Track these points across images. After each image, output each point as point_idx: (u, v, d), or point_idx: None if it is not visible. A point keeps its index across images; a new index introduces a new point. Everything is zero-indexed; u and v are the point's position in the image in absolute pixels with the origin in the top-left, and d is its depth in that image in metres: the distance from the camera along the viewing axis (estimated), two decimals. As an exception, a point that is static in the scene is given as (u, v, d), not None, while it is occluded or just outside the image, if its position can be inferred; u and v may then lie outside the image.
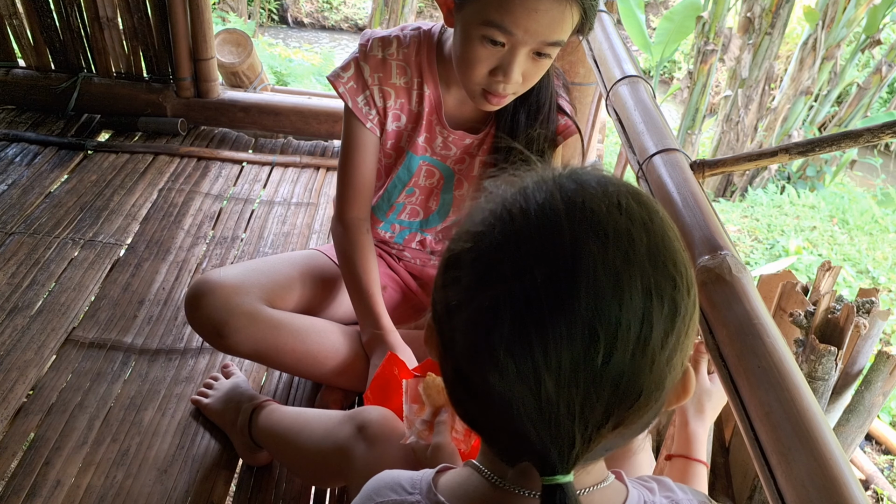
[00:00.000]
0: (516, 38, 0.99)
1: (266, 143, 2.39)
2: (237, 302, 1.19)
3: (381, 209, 1.37)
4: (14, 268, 1.70)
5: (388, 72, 1.20)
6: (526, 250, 0.45)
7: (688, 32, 5.43)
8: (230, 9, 7.73)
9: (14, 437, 1.29)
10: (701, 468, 0.90)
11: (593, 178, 0.49)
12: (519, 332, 0.44)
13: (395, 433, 0.98)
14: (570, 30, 1.02)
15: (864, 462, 2.74)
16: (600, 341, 0.43)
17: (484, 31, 1.00)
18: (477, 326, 0.46)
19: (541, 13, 0.96)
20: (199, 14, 2.25)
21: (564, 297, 0.43)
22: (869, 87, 5.35)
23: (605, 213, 0.46)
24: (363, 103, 1.22)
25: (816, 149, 1.04)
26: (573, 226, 0.45)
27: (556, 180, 0.48)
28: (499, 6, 0.97)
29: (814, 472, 0.56)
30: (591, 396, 0.44)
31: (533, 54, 1.03)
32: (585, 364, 0.43)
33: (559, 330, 0.43)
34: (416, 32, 1.20)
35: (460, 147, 1.27)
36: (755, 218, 4.95)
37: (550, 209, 0.46)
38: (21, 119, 2.35)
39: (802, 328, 1.55)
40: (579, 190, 0.47)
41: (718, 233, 0.86)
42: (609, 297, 0.43)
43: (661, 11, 8.20)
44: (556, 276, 0.44)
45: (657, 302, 0.45)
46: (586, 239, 0.44)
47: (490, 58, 1.03)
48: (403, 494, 0.60)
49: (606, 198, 0.47)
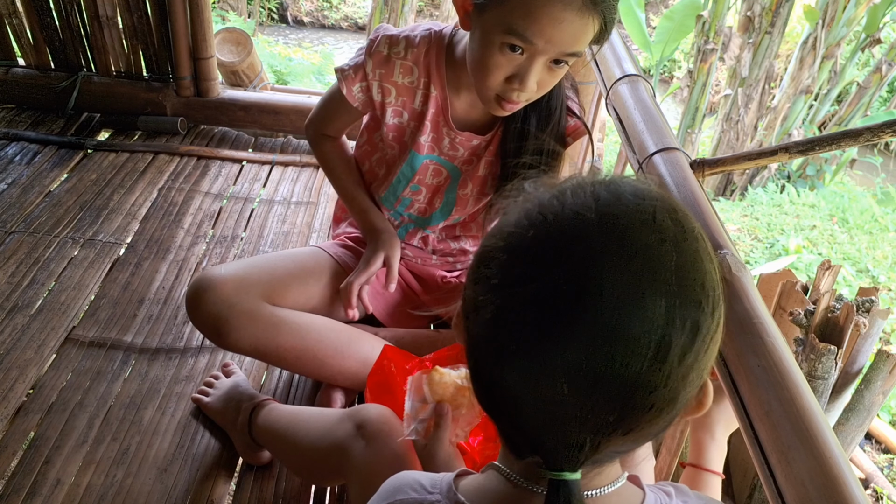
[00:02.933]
0: (536, 47, 0.98)
1: (266, 142, 2.39)
2: (238, 299, 1.19)
3: (388, 200, 1.38)
4: (14, 267, 1.70)
5: (391, 70, 1.21)
6: (553, 256, 0.46)
7: (688, 31, 5.43)
8: (230, 7, 7.73)
9: (14, 435, 1.29)
10: (711, 478, 0.88)
11: (630, 190, 0.49)
12: (539, 334, 0.45)
13: (393, 431, 0.97)
14: (589, 41, 1.01)
15: (864, 461, 2.74)
16: (616, 352, 0.44)
17: (505, 38, 0.99)
18: (499, 324, 0.48)
19: (565, 24, 0.95)
20: (199, 13, 2.24)
21: (585, 305, 0.44)
22: (869, 86, 5.35)
23: (635, 227, 0.46)
24: (357, 91, 1.25)
25: (816, 148, 1.04)
26: (602, 237, 0.46)
27: (594, 189, 0.49)
28: (524, 15, 0.96)
29: (813, 471, 0.56)
30: (603, 403, 0.45)
31: (550, 63, 1.02)
32: (601, 372, 0.44)
33: (577, 336, 0.44)
34: (428, 33, 1.20)
35: (468, 148, 1.27)
36: (755, 217, 4.95)
37: (582, 218, 0.47)
38: (21, 118, 2.35)
39: (802, 327, 1.55)
40: (614, 202, 0.48)
41: (718, 232, 0.86)
42: (629, 310, 0.44)
43: (661, 10, 8.20)
44: (580, 284, 0.44)
45: (679, 320, 0.45)
46: (612, 252, 0.45)
47: (508, 65, 1.02)
48: (424, 494, 0.60)
49: (640, 213, 0.47)
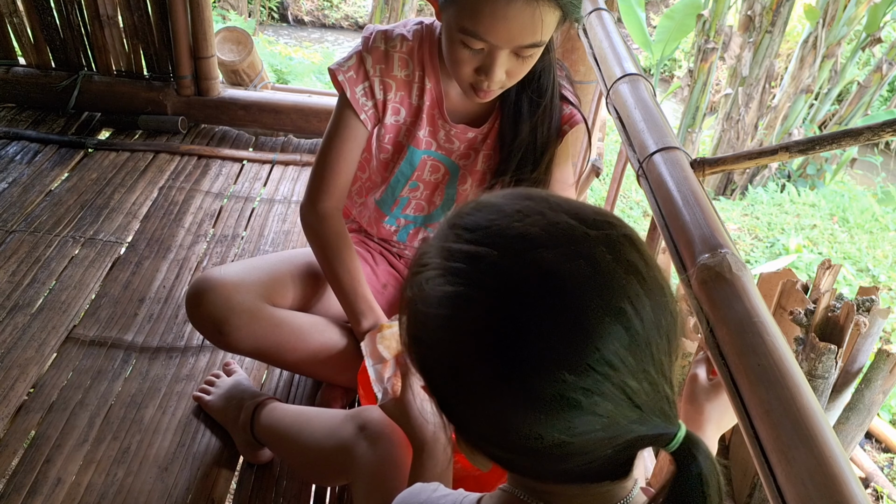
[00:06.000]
0: (491, 44, 1.00)
1: (266, 142, 2.39)
2: (238, 300, 1.19)
3: (385, 203, 1.35)
4: (15, 266, 1.70)
5: (391, 64, 1.20)
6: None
7: (688, 31, 5.43)
8: (230, 7, 7.73)
9: (15, 434, 1.29)
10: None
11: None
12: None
13: (396, 432, 0.98)
14: (551, 29, 1.02)
15: (864, 460, 2.75)
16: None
17: (461, 36, 1.01)
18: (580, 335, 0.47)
19: (511, 20, 0.96)
20: (200, 12, 2.24)
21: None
22: (869, 86, 5.34)
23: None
24: (361, 93, 1.21)
25: (817, 147, 1.04)
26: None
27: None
28: (470, 14, 0.98)
29: (814, 471, 0.56)
30: (663, 346, 0.49)
31: (514, 54, 1.03)
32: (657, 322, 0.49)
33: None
34: (419, 27, 1.21)
35: (463, 141, 1.27)
36: (755, 216, 4.96)
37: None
38: (21, 117, 2.35)
39: (802, 326, 1.55)
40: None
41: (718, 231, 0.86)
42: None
43: (662, 9, 8.20)
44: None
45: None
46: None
47: (472, 59, 1.04)
48: None
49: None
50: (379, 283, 1.38)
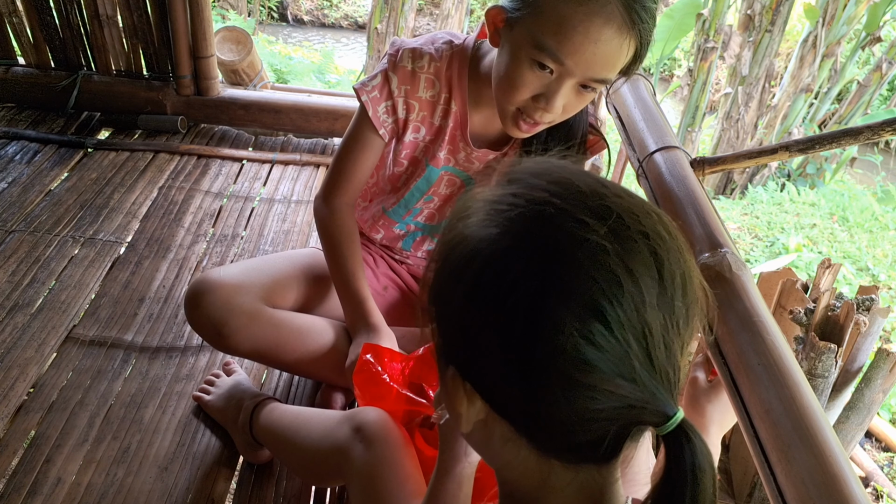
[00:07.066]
0: (566, 67, 0.93)
1: (266, 141, 2.39)
2: (237, 301, 1.19)
3: (397, 213, 1.35)
4: (14, 266, 1.70)
5: (416, 85, 1.17)
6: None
7: (688, 30, 5.43)
8: (230, 6, 7.73)
9: (15, 434, 1.29)
10: None
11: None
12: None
13: (392, 433, 0.98)
14: (621, 67, 0.96)
15: (864, 459, 2.74)
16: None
17: (535, 54, 0.94)
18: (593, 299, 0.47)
19: (599, 44, 0.90)
20: (199, 12, 2.24)
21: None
22: (869, 85, 5.35)
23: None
24: (383, 111, 1.19)
25: (816, 146, 1.04)
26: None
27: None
28: (555, 30, 0.90)
29: (813, 470, 0.56)
30: (674, 325, 0.49)
31: (579, 86, 0.97)
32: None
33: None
34: (449, 46, 1.16)
35: (483, 162, 1.25)
36: (755, 215, 4.95)
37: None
38: (21, 117, 2.35)
39: (802, 325, 1.55)
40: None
41: (718, 230, 0.86)
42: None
43: (662, 9, 8.19)
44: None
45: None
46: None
47: (535, 83, 0.97)
48: None
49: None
50: (379, 286, 1.38)
